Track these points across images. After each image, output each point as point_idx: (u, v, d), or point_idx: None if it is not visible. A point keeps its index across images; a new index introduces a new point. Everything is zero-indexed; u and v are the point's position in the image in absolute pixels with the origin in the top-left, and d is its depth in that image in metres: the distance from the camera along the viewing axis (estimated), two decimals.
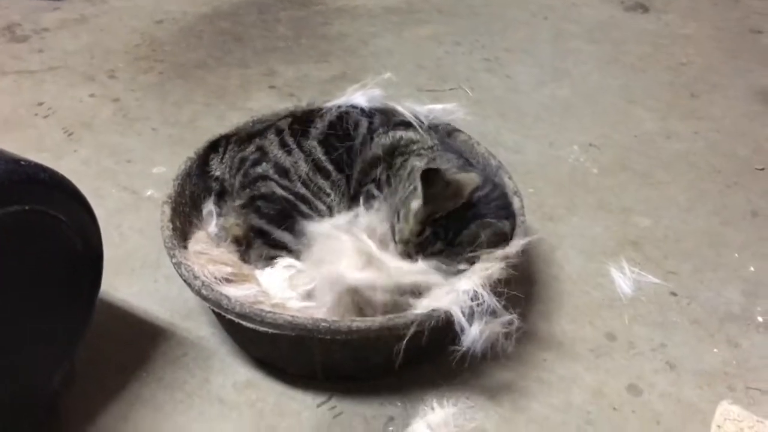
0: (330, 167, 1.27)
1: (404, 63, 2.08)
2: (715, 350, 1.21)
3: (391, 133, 1.31)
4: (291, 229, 1.20)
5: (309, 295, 1.11)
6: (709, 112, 1.88)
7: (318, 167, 1.27)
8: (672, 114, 1.87)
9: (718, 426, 1.07)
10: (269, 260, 1.18)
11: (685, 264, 1.38)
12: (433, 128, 1.36)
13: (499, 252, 1.09)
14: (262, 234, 1.21)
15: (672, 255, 1.41)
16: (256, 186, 1.25)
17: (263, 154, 1.28)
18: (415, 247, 1.12)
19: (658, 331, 1.24)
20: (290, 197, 1.23)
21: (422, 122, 1.34)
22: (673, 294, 1.32)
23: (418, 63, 2.08)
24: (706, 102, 1.93)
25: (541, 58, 2.13)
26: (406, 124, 1.33)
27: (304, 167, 1.26)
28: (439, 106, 1.40)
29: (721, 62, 2.13)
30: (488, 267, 1.06)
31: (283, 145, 1.29)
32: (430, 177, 1.10)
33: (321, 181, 1.26)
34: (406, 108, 1.37)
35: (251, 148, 1.30)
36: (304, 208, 1.22)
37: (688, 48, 2.20)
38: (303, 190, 1.24)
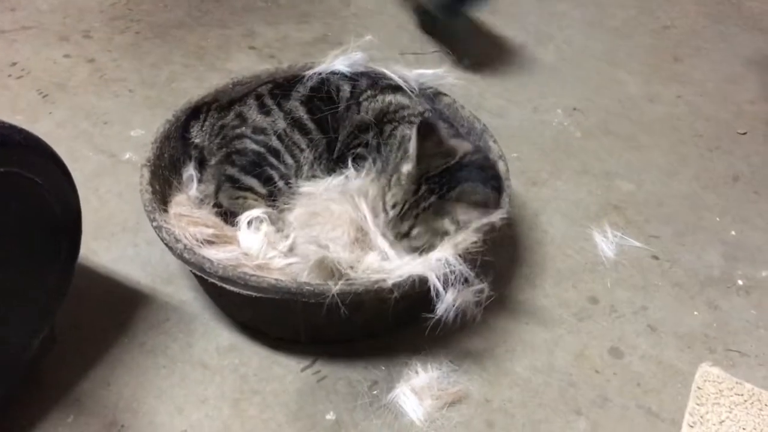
0: (311, 126, 1.25)
1: (386, 24, 2.05)
2: (695, 313, 1.22)
3: (380, 97, 1.28)
4: (260, 176, 1.20)
5: (291, 251, 1.10)
6: (692, 76, 1.88)
7: (298, 125, 1.25)
8: (655, 78, 1.87)
9: (698, 387, 1.09)
10: (236, 201, 1.18)
11: (666, 228, 1.39)
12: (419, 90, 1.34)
13: (478, 222, 1.08)
14: (231, 180, 1.21)
15: (654, 219, 1.41)
16: (232, 144, 1.23)
17: (242, 120, 1.26)
18: (410, 206, 1.10)
19: (640, 294, 1.25)
20: (261, 149, 1.22)
21: (413, 88, 1.32)
22: (655, 258, 1.32)
23: (400, 24, 2.05)
24: (689, 66, 1.92)
25: (525, 21, 2.11)
26: (395, 88, 1.31)
27: (282, 124, 1.24)
28: (429, 71, 1.38)
29: (705, 26, 2.12)
30: (463, 238, 1.06)
31: (262, 107, 1.27)
32: (425, 131, 1.09)
33: (297, 137, 1.24)
34: (395, 72, 1.34)
35: (231, 115, 1.28)
36: (272, 159, 1.21)
37: (672, 12, 2.19)
38: (276, 143, 1.22)
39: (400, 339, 1.14)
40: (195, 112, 1.31)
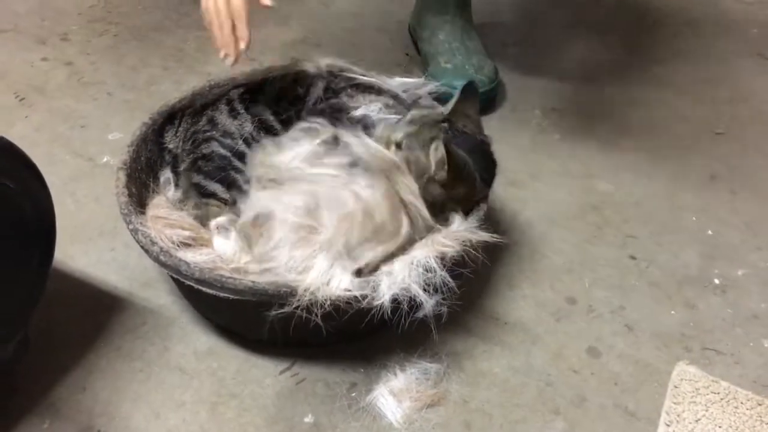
0: (278, 126, 1.25)
1: (366, 26, 2.05)
2: (672, 312, 1.23)
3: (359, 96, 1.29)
4: (223, 181, 1.19)
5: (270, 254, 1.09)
6: (671, 78, 1.89)
7: (264, 126, 1.25)
8: (634, 78, 1.88)
9: (675, 386, 1.09)
10: (200, 209, 1.18)
11: (644, 228, 1.40)
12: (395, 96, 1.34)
13: (462, 231, 1.09)
14: (197, 187, 1.20)
15: (632, 219, 1.42)
16: (199, 149, 1.23)
17: (213, 125, 1.25)
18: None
19: (617, 294, 1.26)
20: (227, 153, 1.21)
21: (396, 93, 1.32)
22: (632, 257, 1.33)
23: (379, 26, 2.05)
24: (668, 68, 1.94)
25: (504, 20, 2.12)
26: (378, 91, 1.31)
27: (249, 127, 1.24)
28: (411, 80, 1.38)
29: (683, 29, 2.14)
30: (446, 244, 1.06)
31: (232, 111, 1.27)
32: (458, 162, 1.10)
33: (264, 139, 1.24)
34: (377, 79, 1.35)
35: (203, 120, 1.27)
36: (238, 163, 1.20)
37: None
38: (242, 147, 1.22)
39: (379, 341, 1.14)
40: (170, 117, 1.30)
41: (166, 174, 1.25)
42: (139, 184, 1.20)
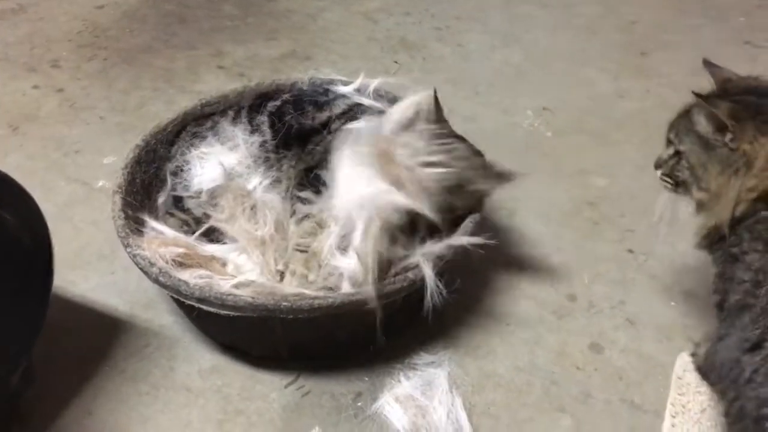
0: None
1: (354, 37, 2.06)
2: (672, 304, 1.23)
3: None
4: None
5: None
6: (660, 69, 1.90)
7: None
8: (623, 74, 1.89)
9: (679, 377, 1.09)
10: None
11: (640, 221, 1.40)
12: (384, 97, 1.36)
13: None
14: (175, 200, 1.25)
15: (628, 213, 1.43)
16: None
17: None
18: None
19: (617, 288, 1.26)
20: None
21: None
22: (630, 251, 1.34)
23: (368, 36, 2.06)
24: (656, 60, 1.94)
25: (491, 24, 2.13)
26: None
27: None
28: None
29: (670, 19, 2.15)
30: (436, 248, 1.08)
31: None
32: None
33: None
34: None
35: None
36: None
37: (637, 7, 2.22)
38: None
39: (383, 349, 1.14)
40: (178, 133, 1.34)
41: (164, 195, 1.26)
42: (136, 206, 1.21)
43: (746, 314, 0.87)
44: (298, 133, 1.29)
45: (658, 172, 1.06)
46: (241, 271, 1.14)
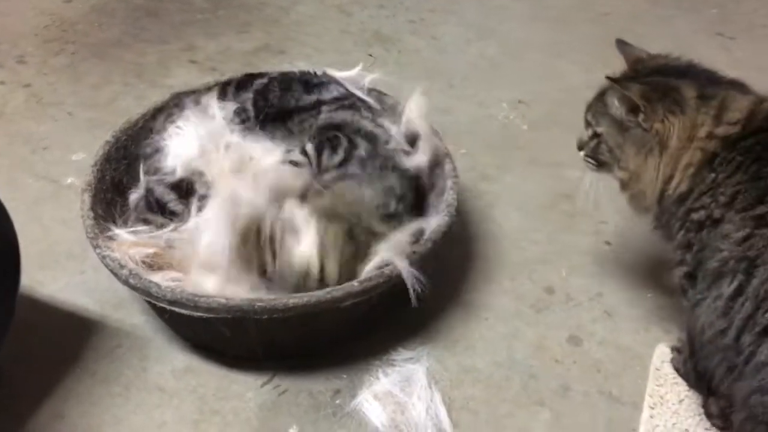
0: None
1: (328, 30, 2.04)
2: (649, 295, 1.23)
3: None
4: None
5: None
6: None
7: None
8: (597, 66, 1.87)
9: (656, 369, 1.10)
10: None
11: (616, 213, 1.40)
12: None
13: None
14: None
15: (603, 205, 1.42)
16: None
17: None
18: None
19: (595, 281, 1.26)
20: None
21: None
22: (607, 243, 1.34)
23: (342, 29, 2.04)
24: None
25: (466, 17, 2.12)
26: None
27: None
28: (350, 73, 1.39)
29: (643, 11, 2.15)
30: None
31: None
32: None
33: None
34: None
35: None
36: None
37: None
38: None
39: (360, 345, 1.13)
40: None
41: (136, 192, 1.23)
42: (106, 204, 1.18)
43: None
44: (280, 112, 1.28)
45: (581, 154, 1.09)
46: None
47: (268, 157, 1.16)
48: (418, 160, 1.23)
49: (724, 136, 0.92)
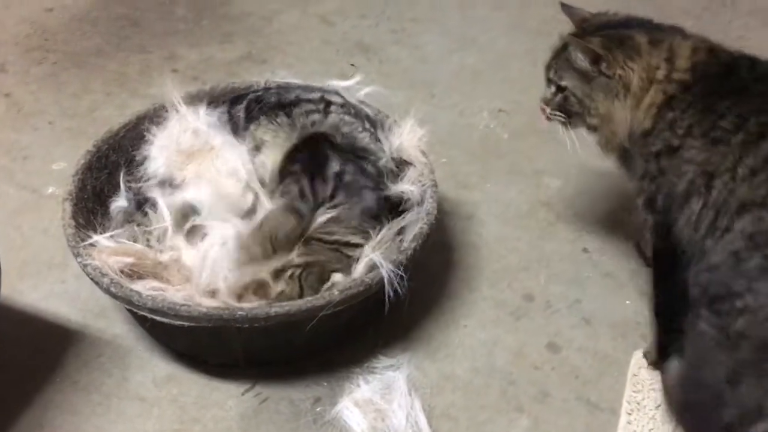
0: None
1: (310, 40, 2.05)
2: (627, 302, 1.25)
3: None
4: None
5: None
6: None
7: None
8: None
9: (634, 375, 1.11)
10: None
11: (595, 221, 1.42)
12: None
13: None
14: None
15: (582, 212, 1.45)
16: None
17: None
18: None
19: (573, 287, 1.28)
20: None
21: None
22: (585, 251, 1.35)
23: (324, 39, 2.05)
24: None
25: (448, 26, 2.13)
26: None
27: None
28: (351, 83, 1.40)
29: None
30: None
31: None
32: None
33: None
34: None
35: None
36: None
37: (590, 7, 2.24)
38: None
39: (341, 353, 1.14)
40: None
41: (118, 202, 1.23)
42: (87, 213, 1.18)
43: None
44: (278, 104, 1.29)
45: (547, 110, 1.19)
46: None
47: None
48: (407, 189, 1.23)
49: (679, 80, 1.04)
